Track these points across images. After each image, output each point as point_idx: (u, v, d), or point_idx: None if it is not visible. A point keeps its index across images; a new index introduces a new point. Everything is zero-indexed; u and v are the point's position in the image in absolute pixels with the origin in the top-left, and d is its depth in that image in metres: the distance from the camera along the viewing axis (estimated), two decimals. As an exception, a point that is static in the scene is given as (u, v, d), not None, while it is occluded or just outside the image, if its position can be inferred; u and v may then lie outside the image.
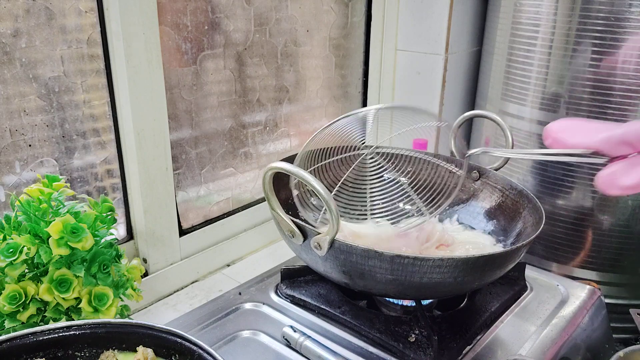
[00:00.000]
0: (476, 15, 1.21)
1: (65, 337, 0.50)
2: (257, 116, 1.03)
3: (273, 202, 0.62)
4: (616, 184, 0.46)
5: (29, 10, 0.68)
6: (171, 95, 0.86)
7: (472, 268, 0.59)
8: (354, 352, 0.66)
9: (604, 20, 0.92)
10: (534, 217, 0.72)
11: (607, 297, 1.04)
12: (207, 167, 0.96)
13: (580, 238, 1.05)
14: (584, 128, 0.50)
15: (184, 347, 0.49)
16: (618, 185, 0.46)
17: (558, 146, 0.51)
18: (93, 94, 0.77)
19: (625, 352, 0.65)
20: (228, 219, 1.00)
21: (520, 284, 0.81)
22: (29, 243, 0.58)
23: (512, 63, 1.07)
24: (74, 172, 0.78)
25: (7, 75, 0.68)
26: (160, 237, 0.86)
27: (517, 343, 0.69)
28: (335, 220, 0.57)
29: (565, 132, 0.50)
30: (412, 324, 0.68)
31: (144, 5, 0.75)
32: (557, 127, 0.51)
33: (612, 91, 0.94)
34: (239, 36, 0.95)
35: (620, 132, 0.46)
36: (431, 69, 1.18)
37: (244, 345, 0.67)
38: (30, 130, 0.72)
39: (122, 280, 0.66)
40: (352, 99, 1.25)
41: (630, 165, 0.46)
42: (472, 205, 0.86)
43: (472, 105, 1.29)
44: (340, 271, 0.63)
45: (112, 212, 0.68)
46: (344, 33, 1.18)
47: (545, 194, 1.05)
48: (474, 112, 0.86)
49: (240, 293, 0.77)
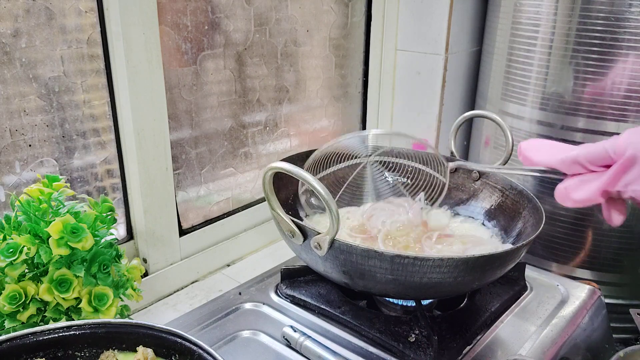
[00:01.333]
0: (476, 15, 1.21)
1: (65, 337, 0.50)
2: (257, 116, 1.03)
3: (273, 202, 0.62)
4: (569, 197, 0.54)
5: (29, 10, 0.68)
6: (171, 95, 0.86)
7: (472, 268, 0.59)
8: (354, 352, 0.66)
9: (604, 20, 0.92)
10: (534, 217, 0.72)
11: (607, 297, 1.04)
12: (207, 167, 0.96)
13: (580, 238, 1.05)
14: (547, 148, 0.57)
15: (184, 347, 0.49)
16: (571, 198, 0.53)
17: (526, 163, 0.59)
18: (93, 94, 0.77)
19: (625, 352, 0.65)
20: (228, 219, 1.00)
21: (520, 284, 0.81)
22: (29, 243, 0.58)
23: (512, 63, 1.07)
24: (74, 172, 0.78)
25: (7, 75, 0.68)
26: (160, 237, 0.86)
27: (517, 343, 0.69)
28: (335, 220, 0.57)
29: (531, 150, 0.58)
30: (412, 324, 0.68)
31: (144, 5, 0.75)
32: (526, 146, 0.59)
33: (612, 91, 0.94)
34: (239, 36, 0.95)
35: (574, 155, 0.53)
36: (431, 69, 1.18)
37: (244, 345, 0.67)
38: (30, 130, 0.72)
39: (122, 280, 0.66)
40: (352, 99, 1.25)
41: (581, 182, 0.53)
42: (472, 205, 0.86)
43: (472, 105, 1.29)
44: (340, 271, 0.63)
45: (112, 212, 0.68)
46: (344, 33, 1.18)
47: (545, 194, 1.05)
48: (474, 112, 0.86)
49: (240, 293, 0.77)
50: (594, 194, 0.51)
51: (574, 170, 0.54)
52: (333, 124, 1.22)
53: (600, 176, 0.52)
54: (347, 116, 1.26)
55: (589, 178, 0.52)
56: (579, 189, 0.53)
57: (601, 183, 0.51)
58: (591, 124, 0.97)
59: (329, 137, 1.21)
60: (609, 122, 0.96)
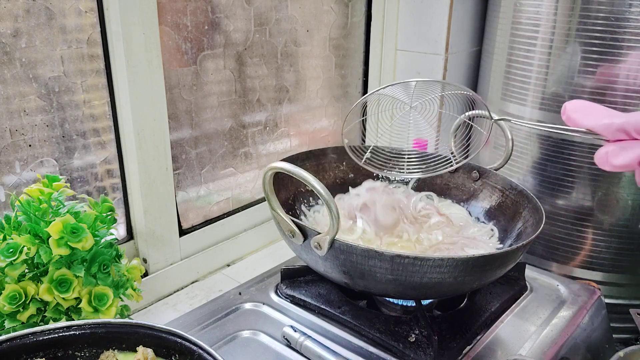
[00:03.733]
0: (476, 15, 1.21)
1: (65, 337, 0.50)
2: (257, 116, 1.03)
3: (273, 202, 0.62)
4: (609, 162, 0.55)
5: (29, 10, 0.68)
6: (171, 95, 0.86)
7: (472, 268, 0.59)
8: (354, 352, 0.66)
9: (604, 20, 0.92)
10: (534, 217, 0.72)
11: (607, 297, 1.04)
12: (207, 167, 0.96)
13: (580, 238, 1.05)
14: (594, 111, 0.58)
15: (184, 347, 0.49)
16: (610, 163, 0.55)
17: (570, 123, 0.59)
18: (93, 94, 0.77)
19: (625, 352, 0.65)
20: (228, 219, 1.00)
21: (520, 284, 0.81)
22: (29, 243, 0.58)
23: (512, 63, 1.07)
24: (74, 172, 0.78)
25: (7, 75, 0.68)
26: (160, 237, 0.86)
27: (517, 343, 0.69)
28: (335, 220, 0.57)
29: (578, 112, 0.59)
30: (412, 324, 0.68)
31: (144, 5, 0.75)
32: (572, 107, 0.59)
33: (613, 91, 0.94)
34: (239, 36, 0.95)
35: (620, 122, 0.54)
36: (431, 69, 1.18)
37: (244, 345, 0.67)
38: (30, 130, 0.72)
39: (122, 280, 0.66)
40: (352, 99, 1.25)
41: (622, 148, 0.54)
42: (472, 205, 0.86)
43: (472, 105, 1.29)
44: (340, 271, 0.63)
45: (112, 212, 0.68)
46: (344, 33, 1.18)
47: (545, 194, 1.05)
48: (474, 112, 0.86)
49: (240, 293, 0.77)
50: (633, 161, 0.53)
51: (617, 137, 0.55)
52: (333, 124, 1.22)
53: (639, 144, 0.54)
54: (347, 116, 1.26)
55: (630, 145, 0.54)
56: (619, 155, 0.54)
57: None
58: (591, 124, 0.97)
59: (329, 137, 1.21)
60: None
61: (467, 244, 0.75)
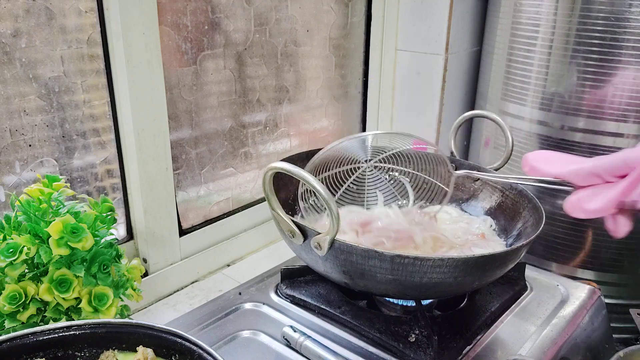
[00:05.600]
0: (476, 15, 1.21)
1: (65, 337, 0.50)
2: (257, 116, 1.03)
3: (273, 202, 0.62)
4: (582, 208, 0.53)
5: (29, 10, 0.68)
6: (171, 95, 0.86)
7: (472, 268, 0.59)
8: (354, 352, 0.66)
9: (604, 20, 0.92)
10: (534, 217, 0.72)
11: (607, 297, 1.04)
12: (207, 167, 0.96)
13: (580, 238, 1.05)
14: (557, 159, 0.58)
15: (184, 347, 0.49)
16: (584, 209, 0.53)
17: (534, 173, 0.58)
18: (93, 94, 0.77)
19: (625, 352, 0.65)
20: (228, 219, 1.00)
21: (520, 284, 0.81)
22: (29, 243, 0.58)
23: (512, 63, 1.07)
24: (74, 172, 0.78)
25: (7, 75, 0.68)
26: (160, 237, 0.86)
27: (517, 343, 0.69)
28: (335, 220, 0.57)
29: (539, 161, 0.58)
30: (412, 324, 0.68)
31: (144, 5, 0.75)
32: (533, 157, 0.59)
33: (613, 91, 0.94)
34: (239, 36, 0.95)
35: (589, 166, 0.53)
36: (431, 69, 1.19)
37: (244, 345, 0.67)
38: (30, 130, 0.72)
39: (122, 280, 0.66)
40: (352, 99, 1.25)
41: (595, 193, 0.52)
42: (472, 205, 0.86)
43: (472, 105, 1.29)
44: (341, 271, 0.63)
45: (112, 212, 0.68)
46: (344, 33, 1.18)
47: (545, 194, 1.05)
48: (474, 112, 0.86)
49: (240, 293, 0.77)
50: (609, 204, 0.51)
51: (588, 182, 0.54)
52: (333, 124, 1.22)
53: (614, 186, 0.51)
54: (347, 116, 1.26)
55: (602, 189, 0.52)
56: (592, 199, 0.53)
57: (617, 193, 0.51)
58: (591, 124, 0.97)
59: (329, 137, 1.21)
60: (609, 122, 0.96)
61: (476, 243, 0.75)
